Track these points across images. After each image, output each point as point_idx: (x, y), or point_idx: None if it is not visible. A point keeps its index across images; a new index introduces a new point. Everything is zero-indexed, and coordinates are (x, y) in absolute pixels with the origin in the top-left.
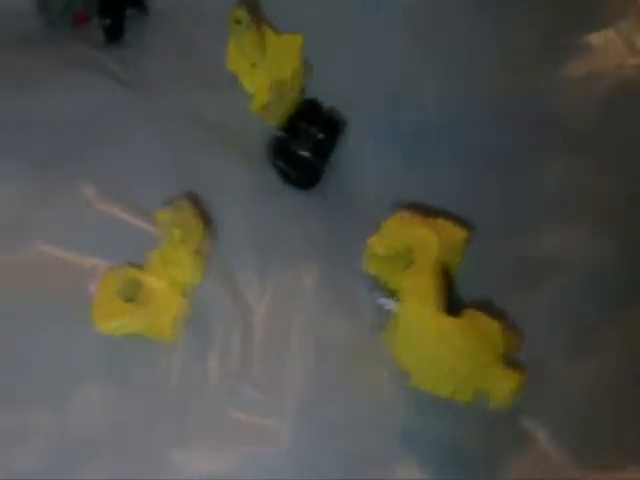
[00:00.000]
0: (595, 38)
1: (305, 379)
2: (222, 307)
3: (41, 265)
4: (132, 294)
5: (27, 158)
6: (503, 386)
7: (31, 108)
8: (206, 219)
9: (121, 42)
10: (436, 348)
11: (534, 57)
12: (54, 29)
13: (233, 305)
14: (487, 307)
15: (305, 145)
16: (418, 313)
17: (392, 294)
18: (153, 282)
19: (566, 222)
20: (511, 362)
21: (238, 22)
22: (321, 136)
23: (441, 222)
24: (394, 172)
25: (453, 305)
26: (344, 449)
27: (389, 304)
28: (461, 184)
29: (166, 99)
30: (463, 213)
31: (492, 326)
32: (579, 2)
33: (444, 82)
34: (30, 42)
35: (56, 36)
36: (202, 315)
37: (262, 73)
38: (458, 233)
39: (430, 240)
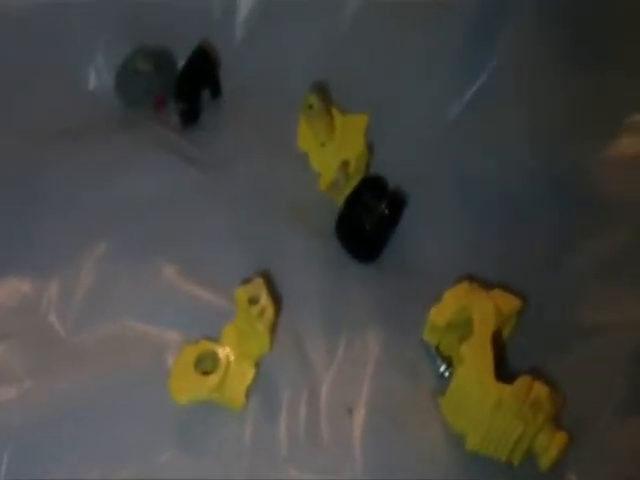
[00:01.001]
0: None
1: (368, 442)
2: (290, 375)
3: (123, 340)
4: (207, 366)
5: (111, 238)
6: (552, 446)
7: (112, 191)
8: (277, 292)
9: (196, 124)
10: (493, 414)
11: (586, 134)
12: (132, 111)
13: (301, 372)
14: (533, 370)
15: (369, 220)
16: (477, 381)
17: (451, 362)
18: (227, 354)
19: (614, 292)
20: (556, 423)
21: (310, 107)
22: (385, 212)
23: (497, 293)
24: (454, 244)
25: (503, 370)
26: None
27: (448, 371)
28: (514, 254)
29: (239, 180)
30: (516, 281)
31: (542, 391)
32: (627, 81)
33: (504, 156)
34: (109, 124)
35: (134, 118)
36: (271, 383)
37: (330, 153)
38: (513, 303)
39: (489, 311)
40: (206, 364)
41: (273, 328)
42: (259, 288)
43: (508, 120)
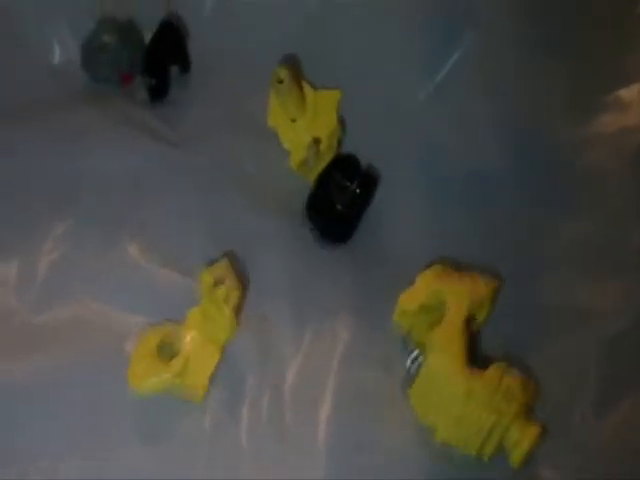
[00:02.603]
0: (625, 93)
1: (334, 434)
2: (254, 362)
3: (84, 321)
4: (170, 350)
5: (73, 216)
6: (524, 438)
7: (77, 166)
8: (243, 274)
9: (165, 100)
10: (464, 404)
11: (564, 113)
12: (99, 86)
13: (266, 360)
14: (508, 357)
15: (340, 200)
16: (446, 369)
17: (423, 348)
18: (191, 338)
19: (592, 276)
20: (530, 414)
21: (280, 81)
22: (357, 191)
23: (472, 275)
24: (425, 226)
25: (477, 356)
26: None
27: (418, 359)
28: (489, 235)
29: (207, 156)
30: (491, 264)
31: (516, 380)
32: (606, 59)
33: (477, 136)
34: (76, 98)
35: (101, 92)
36: (234, 370)
37: (301, 129)
38: (488, 285)
39: (463, 294)
40: (169, 348)
41: (238, 312)
42: (225, 270)
43: (478, 102)
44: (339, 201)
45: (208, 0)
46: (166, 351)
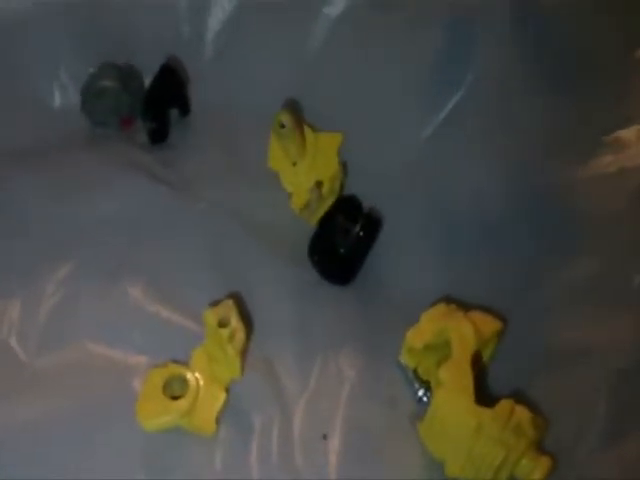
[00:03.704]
0: (624, 134)
1: (343, 469)
2: (262, 400)
3: (87, 363)
4: (176, 391)
5: (75, 259)
6: (535, 471)
7: (78, 210)
8: (247, 315)
9: (165, 143)
10: (474, 439)
11: (565, 154)
12: (99, 130)
13: (273, 398)
14: (515, 394)
15: (343, 242)
16: (456, 405)
17: (429, 386)
18: (196, 378)
19: (596, 313)
20: (539, 448)
21: (282, 125)
22: (360, 234)
23: (476, 314)
24: (428, 267)
25: (484, 393)
26: None
27: (426, 396)
28: (492, 276)
29: (209, 199)
30: (495, 304)
31: (524, 415)
32: (605, 100)
33: (478, 178)
34: (75, 142)
35: (101, 136)
36: (242, 408)
37: (302, 172)
38: (493, 324)
39: (468, 333)
40: (174, 388)
41: (244, 352)
42: (229, 310)
43: (481, 139)
44: (342, 244)
45: (208, 44)
46: (172, 391)
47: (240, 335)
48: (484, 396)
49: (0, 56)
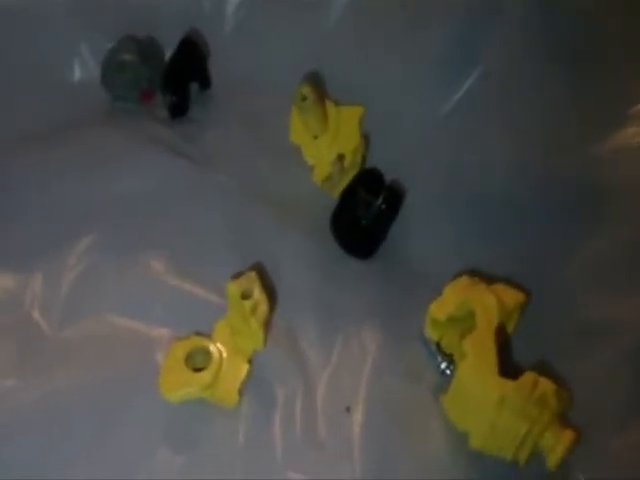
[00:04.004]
0: None
1: (367, 442)
2: (285, 372)
3: (110, 335)
4: (199, 363)
5: (96, 233)
6: (559, 444)
7: (100, 184)
8: (270, 288)
9: (185, 117)
10: (498, 411)
11: (586, 127)
12: (119, 104)
13: (296, 370)
14: (540, 368)
15: (365, 215)
16: (480, 377)
17: (452, 359)
18: (219, 350)
19: (621, 287)
20: (564, 421)
21: (304, 99)
22: (382, 207)
23: (500, 287)
24: (452, 239)
25: (508, 366)
26: None
27: (449, 368)
28: (515, 248)
29: (230, 173)
30: (518, 276)
31: (549, 388)
32: (628, 73)
33: (496, 152)
34: (95, 117)
35: (121, 110)
36: (265, 380)
37: (324, 146)
38: (516, 297)
39: (491, 305)
40: (197, 361)
41: (267, 324)
42: (252, 282)
43: (502, 112)
44: (364, 217)
45: (229, 18)
46: (195, 363)
47: (263, 307)
48: (508, 368)
49: (21, 31)
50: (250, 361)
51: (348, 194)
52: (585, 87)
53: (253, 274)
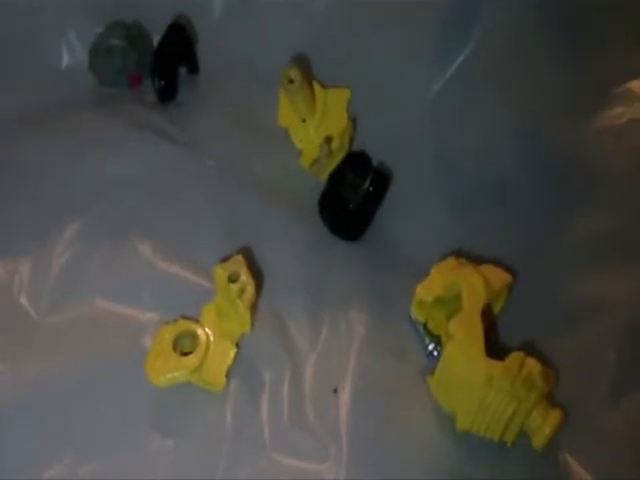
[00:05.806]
0: (634, 85)
1: (355, 424)
2: (272, 355)
3: (98, 320)
4: (186, 347)
5: (84, 218)
6: (546, 424)
7: (87, 169)
8: (257, 271)
9: (174, 102)
10: (485, 392)
11: (574, 106)
12: (107, 89)
13: (283, 353)
14: (526, 348)
15: (353, 198)
16: (466, 358)
17: (439, 340)
18: (206, 334)
19: (607, 267)
20: (550, 400)
21: (291, 81)
22: (370, 189)
23: (487, 267)
24: (438, 222)
25: (495, 347)
26: None
27: (437, 350)
28: (502, 231)
29: (218, 157)
30: (505, 258)
31: (535, 368)
32: (616, 51)
33: (488, 133)
34: (83, 102)
35: (109, 95)
36: (253, 363)
37: (312, 128)
38: (503, 277)
39: (478, 286)
40: (185, 344)
41: (254, 307)
42: (239, 265)
43: (488, 97)
44: (351, 199)
45: (216, 2)
46: (182, 347)
47: (250, 290)
48: (495, 349)
49: (8, 17)
50: (237, 344)
51: (336, 177)
52: (574, 65)
53: (240, 257)
